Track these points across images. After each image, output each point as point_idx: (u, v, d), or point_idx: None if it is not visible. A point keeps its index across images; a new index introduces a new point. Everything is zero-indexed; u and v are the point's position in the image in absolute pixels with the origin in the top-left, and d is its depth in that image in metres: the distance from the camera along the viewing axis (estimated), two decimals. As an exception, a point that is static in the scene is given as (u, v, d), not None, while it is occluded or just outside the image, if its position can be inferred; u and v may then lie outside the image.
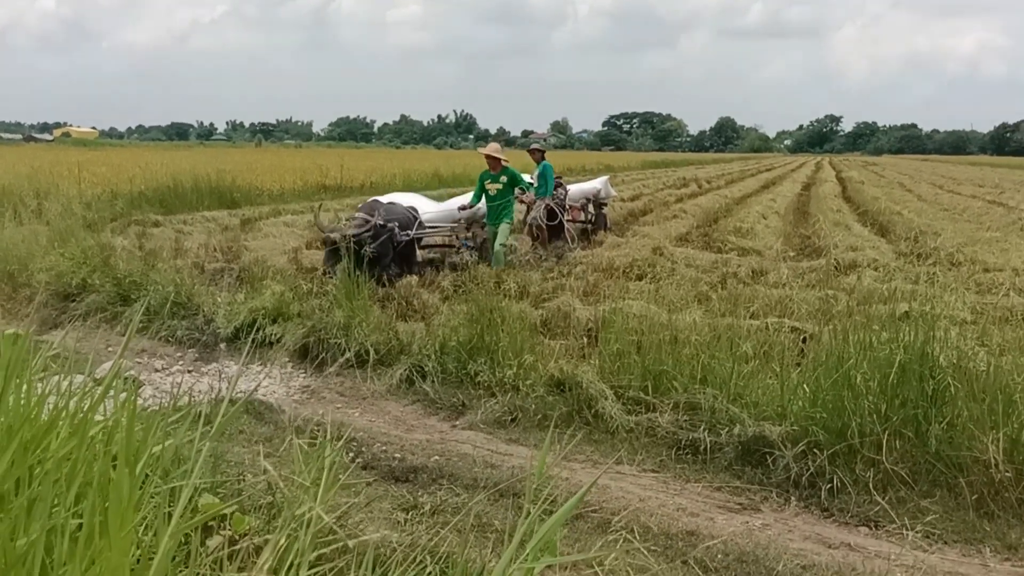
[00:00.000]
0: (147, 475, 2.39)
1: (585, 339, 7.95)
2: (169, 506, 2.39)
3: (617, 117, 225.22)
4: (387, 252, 10.50)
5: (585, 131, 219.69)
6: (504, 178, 11.91)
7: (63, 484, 1.83)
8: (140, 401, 2.70)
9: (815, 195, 31.40)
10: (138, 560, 1.83)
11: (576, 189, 15.89)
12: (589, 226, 16.22)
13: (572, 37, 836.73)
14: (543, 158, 14.23)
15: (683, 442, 5.55)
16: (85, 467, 1.97)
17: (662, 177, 43.43)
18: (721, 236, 16.56)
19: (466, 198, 12.70)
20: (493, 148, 12.14)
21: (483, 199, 12.08)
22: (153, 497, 2.32)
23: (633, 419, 5.87)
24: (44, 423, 1.87)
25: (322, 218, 11.60)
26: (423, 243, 12.41)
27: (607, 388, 6.14)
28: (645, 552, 3.79)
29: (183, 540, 2.38)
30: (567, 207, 14.80)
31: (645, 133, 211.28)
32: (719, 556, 4.19)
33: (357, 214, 10.73)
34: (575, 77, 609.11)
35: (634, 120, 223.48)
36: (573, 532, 4.39)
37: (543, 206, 14.05)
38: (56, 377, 3.60)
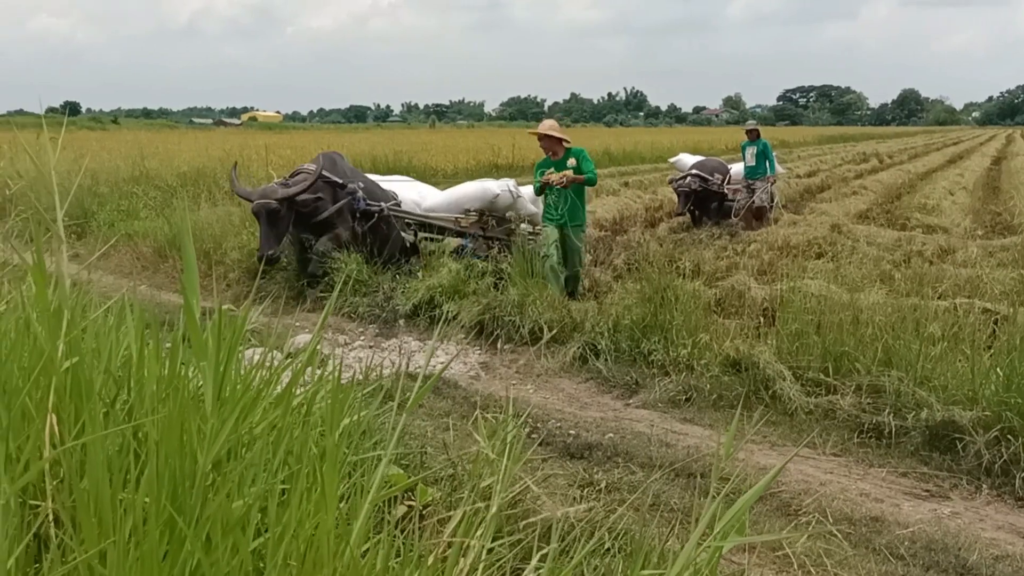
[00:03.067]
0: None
1: (760, 319, 7.80)
2: (354, 476, 2.52)
3: (792, 91, 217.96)
4: (343, 222, 8.92)
5: (759, 106, 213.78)
6: (572, 160, 8.77)
7: (269, 451, 1.95)
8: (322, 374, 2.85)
9: (1006, 170, 29.64)
10: (336, 525, 1.93)
11: (738, 169, 15.46)
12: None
13: (746, 10, 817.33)
14: (759, 136, 14.13)
15: (866, 426, 5.38)
16: (288, 436, 2.09)
17: (840, 152, 41.81)
18: (904, 213, 15.92)
19: (484, 185, 10.07)
20: (548, 126, 8.92)
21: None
22: (344, 467, 2.45)
23: (812, 401, 5.73)
24: (252, 394, 2.00)
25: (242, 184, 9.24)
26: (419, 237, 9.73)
27: (785, 369, 6.00)
28: (839, 536, 3.69)
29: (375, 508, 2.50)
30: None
31: (822, 107, 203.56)
32: (906, 543, 4.05)
33: (305, 165, 8.94)
34: (749, 51, 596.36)
35: (811, 94, 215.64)
36: (751, 514, 4.32)
37: (766, 188, 13.96)
38: (253, 350, 3.82)
